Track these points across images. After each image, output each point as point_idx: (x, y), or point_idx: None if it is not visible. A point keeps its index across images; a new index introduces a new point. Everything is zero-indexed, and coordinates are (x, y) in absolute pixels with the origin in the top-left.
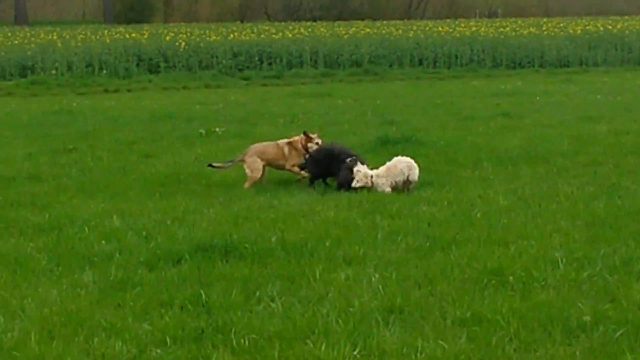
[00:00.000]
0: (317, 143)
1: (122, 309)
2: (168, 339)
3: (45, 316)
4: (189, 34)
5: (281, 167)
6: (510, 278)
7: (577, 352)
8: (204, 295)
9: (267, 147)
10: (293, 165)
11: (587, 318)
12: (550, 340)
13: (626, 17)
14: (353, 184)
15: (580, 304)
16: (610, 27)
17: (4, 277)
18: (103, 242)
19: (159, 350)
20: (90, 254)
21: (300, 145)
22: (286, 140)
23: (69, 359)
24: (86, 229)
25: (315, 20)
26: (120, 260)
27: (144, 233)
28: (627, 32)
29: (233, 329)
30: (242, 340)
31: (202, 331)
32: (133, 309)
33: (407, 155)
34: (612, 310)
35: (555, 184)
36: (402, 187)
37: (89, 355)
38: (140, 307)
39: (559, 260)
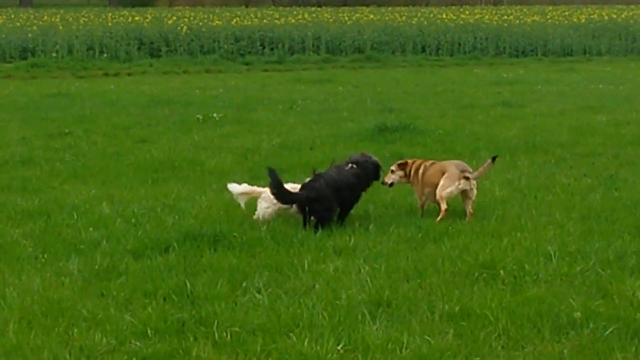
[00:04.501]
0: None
1: (105, 299)
2: (149, 331)
3: (26, 305)
4: (192, 18)
5: None
6: (502, 272)
7: (566, 350)
8: (189, 286)
9: None
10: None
11: (578, 314)
12: (539, 336)
13: (632, 6)
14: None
15: (571, 300)
16: (615, 16)
17: None
18: (91, 229)
19: (138, 343)
20: (77, 242)
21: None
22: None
23: (46, 350)
24: (75, 215)
25: (320, 6)
26: (107, 248)
27: (133, 220)
28: (631, 21)
29: (216, 321)
30: (225, 334)
31: (184, 323)
32: (116, 299)
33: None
34: (604, 307)
35: (553, 175)
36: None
37: (67, 347)
38: (123, 297)
39: (552, 254)
